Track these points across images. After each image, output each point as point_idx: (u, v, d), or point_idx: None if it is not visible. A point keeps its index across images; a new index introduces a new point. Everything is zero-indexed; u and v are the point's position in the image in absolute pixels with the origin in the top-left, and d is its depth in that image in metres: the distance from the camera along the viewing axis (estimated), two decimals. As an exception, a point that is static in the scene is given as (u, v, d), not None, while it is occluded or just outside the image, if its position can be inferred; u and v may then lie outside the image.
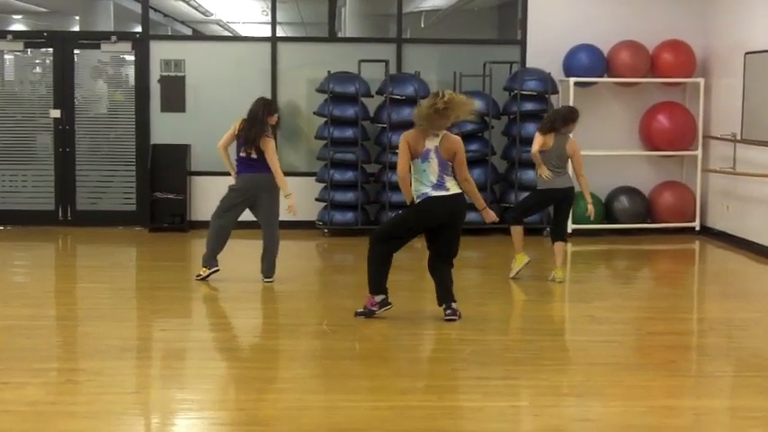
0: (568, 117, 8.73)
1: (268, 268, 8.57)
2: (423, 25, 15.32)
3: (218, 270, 8.59)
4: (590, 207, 8.75)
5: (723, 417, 5.40)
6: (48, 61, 12.03)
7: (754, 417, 5.32)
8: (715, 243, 11.16)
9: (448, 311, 7.18)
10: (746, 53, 10.65)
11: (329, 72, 11.35)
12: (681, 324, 7.61)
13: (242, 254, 9.55)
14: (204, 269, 8.61)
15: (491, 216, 7.44)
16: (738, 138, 10.82)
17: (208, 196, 11.68)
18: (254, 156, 8.43)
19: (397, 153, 11.00)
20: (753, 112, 10.56)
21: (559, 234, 8.81)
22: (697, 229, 11.61)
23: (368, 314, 7.25)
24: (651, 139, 11.71)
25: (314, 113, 11.43)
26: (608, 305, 8.15)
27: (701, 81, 11.51)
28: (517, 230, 8.78)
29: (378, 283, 7.26)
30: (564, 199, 8.75)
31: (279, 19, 12.15)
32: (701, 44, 11.68)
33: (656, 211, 11.71)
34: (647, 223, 11.71)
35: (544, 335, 7.10)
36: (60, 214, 11.86)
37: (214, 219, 8.68)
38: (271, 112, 8.63)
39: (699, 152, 11.60)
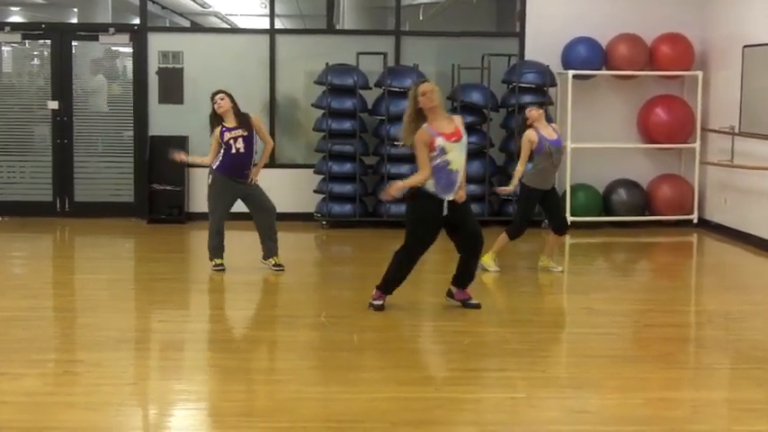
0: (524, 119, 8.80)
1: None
2: (421, 17, 15.29)
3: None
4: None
5: (721, 409, 5.41)
6: (46, 53, 12.02)
7: (751, 409, 5.32)
8: (713, 236, 11.17)
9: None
10: (745, 46, 10.64)
11: (327, 64, 11.33)
12: (679, 316, 7.61)
13: (239, 246, 9.55)
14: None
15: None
16: (736, 130, 10.82)
17: (205, 188, 11.67)
18: None
19: (395, 145, 11.16)
20: (751, 105, 10.56)
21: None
22: (695, 221, 11.61)
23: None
24: (649, 131, 11.70)
25: (312, 105, 11.42)
26: (606, 297, 8.15)
27: (700, 74, 11.51)
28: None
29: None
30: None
31: (277, 11, 12.12)
32: (700, 37, 11.68)
33: (654, 203, 11.71)
34: (645, 216, 11.71)
35: (542, 327, 7.10)
36: (58, 205, 11.86)
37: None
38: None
39: (697, 145, 11.60)
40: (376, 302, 7.25)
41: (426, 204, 6.97)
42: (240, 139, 8.50)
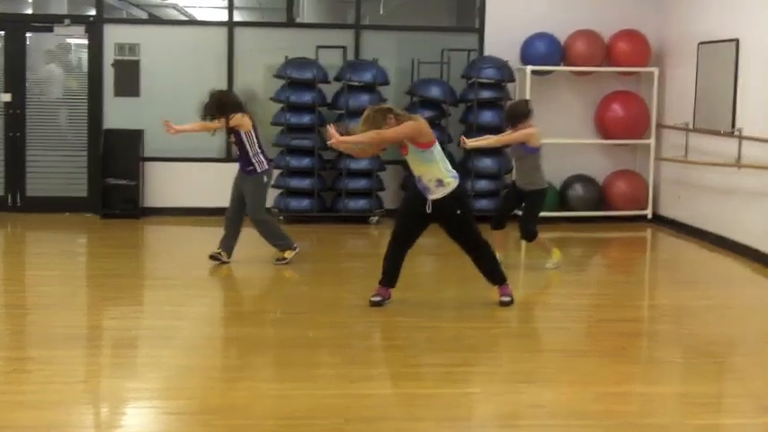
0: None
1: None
2: (381, 12, 15.26)
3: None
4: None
5: (673, 402, 5.45)
6: (-1, 44, 11.86)
7: (703, 403, 5.38)
8: (667, 231, 11.27)
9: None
10: (699, 43, 10.73)
11: (286, 58, 11.29)
12: (632, 311, 7.67)
13: (198, 241, 9.49)
14: (289, 252, 8.84)
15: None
16: (690, 127, 10.92)
17: (161, 182, 11.64)
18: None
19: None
20: (705, 102, 10.66)
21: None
22: (649, 216, 11.72)
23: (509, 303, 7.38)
24: (606, 127, 11.78)
25: (270, 99, 11.36)
26: (561, 292, 8.21)
27: (655, 70, 11.60)
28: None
29: (500, 271, 7.46)
30: None
31: (236, 3, 12.05)
32: (656, 34, 11.77)
33: (609, 198, 11.80)
34: (600, 211, 11.79)
35: (498, 322, 7.12)
36: (10, 200, 11.68)
37: (266, 215, 8.94)
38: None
39: (652, 141, 11.70)
40: (372, 299, 7.28)
41: (409, 196, 7.38)
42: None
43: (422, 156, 6.99)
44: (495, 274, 7.39)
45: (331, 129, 6.94)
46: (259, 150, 8.62)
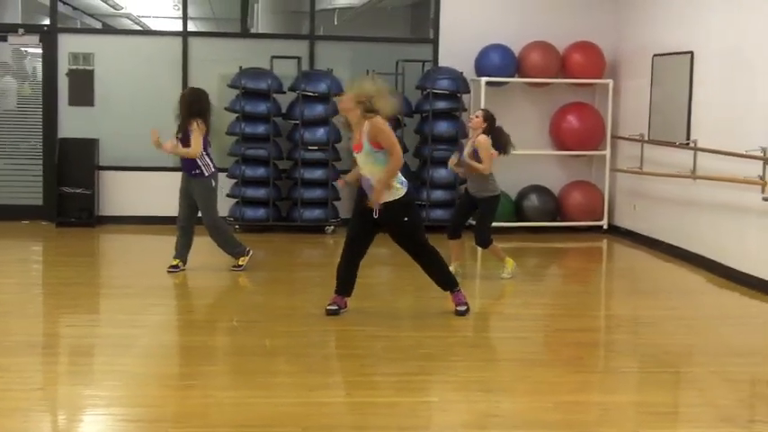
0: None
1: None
2: (336, 22, 15.29)
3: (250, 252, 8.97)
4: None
5: (629, 412, 5.49)
6: (-48, 53, 11.70)
7: (659, 412, 5.42)
8: (622, 241, 11.38)
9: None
10: (654, 55, 10.87)
11: (241, 68, 11.26)
12: (589, 321, 7.73)
13: (154, 250, 9.42)
14: (243, 258, 8.86)
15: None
16: (645, 138, 11.04)
17: (116, 191, 11.54)
18: None
19: (309, 150, 11.13)
20: (659, 113, 10.79)
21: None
22: (605, 227, 11.82)
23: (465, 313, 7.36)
24: (561, 138, 11.88)
25: (225, 109, 11.30)
26: (518, 302, 8.26)
27: (610, 82, 11.73)
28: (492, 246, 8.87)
29: (450, 277, 7.45)
30: None
31: (190, 14, 12.00)
32: (611, 46, 11.89)
33: (565, 209, 11.89)
34: (556, 222, 11.88)
35: (455, 331, 7.14)
36: (-36, 208, 11.54)
37: (220, 220, 9.00)
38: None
39: (607, 152, 11.82)
40: (328, 307, 7.27)
41: (357, 200, 7.27)
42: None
43: (375, 156, 6.96)
44: (445, 280, 7.41)
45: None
46: (204, 153, 8.60)
